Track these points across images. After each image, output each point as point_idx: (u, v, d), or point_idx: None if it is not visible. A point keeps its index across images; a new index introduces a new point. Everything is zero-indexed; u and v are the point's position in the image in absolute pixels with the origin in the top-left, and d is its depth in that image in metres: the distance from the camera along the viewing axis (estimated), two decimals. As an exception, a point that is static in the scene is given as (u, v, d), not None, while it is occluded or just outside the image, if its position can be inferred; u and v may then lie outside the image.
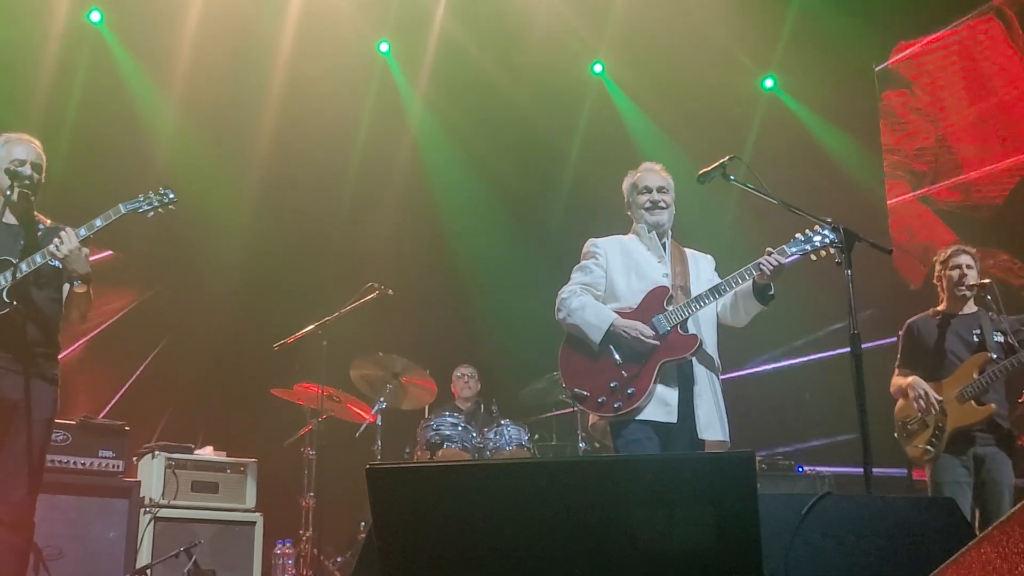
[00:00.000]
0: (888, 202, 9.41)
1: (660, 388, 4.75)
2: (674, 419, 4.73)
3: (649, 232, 5.13)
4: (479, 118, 10.40)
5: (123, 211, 4.95)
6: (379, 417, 7.71)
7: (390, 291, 7.78)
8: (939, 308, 6.23)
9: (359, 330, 8.11)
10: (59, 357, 5.09)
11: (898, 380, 6.17)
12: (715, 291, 4.84)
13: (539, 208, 10.82)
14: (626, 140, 10.43)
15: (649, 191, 5.16)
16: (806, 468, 7.51)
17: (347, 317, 7.72)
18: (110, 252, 8.97)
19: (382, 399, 7.74)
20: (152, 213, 5.03)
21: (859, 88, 9.59)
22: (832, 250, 4.62)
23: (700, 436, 4.75)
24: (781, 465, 7.48)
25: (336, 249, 9.99)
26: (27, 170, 5.00)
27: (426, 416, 7.85)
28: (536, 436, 7.90)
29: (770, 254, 4.74)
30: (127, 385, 9.22)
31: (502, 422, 7.58)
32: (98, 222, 4.90)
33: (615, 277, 5.08)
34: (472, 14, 9.87)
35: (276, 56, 9.55)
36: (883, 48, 9.53)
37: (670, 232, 5.19)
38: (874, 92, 9.48)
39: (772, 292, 4.90)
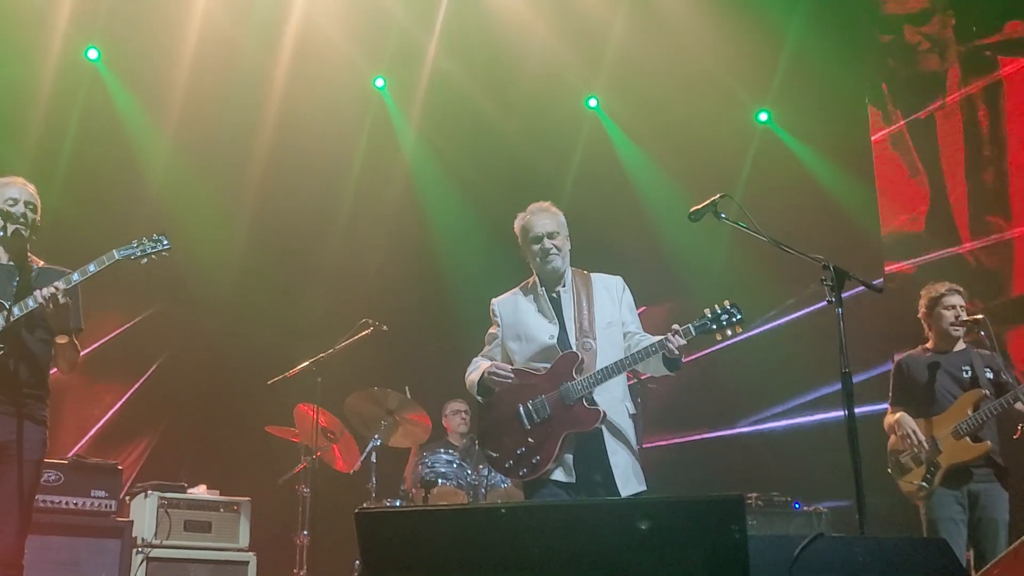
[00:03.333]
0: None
1: (566, 456, 4.78)
2: (573, 479, 4.76)
3: (542, 286, 5.09)
4: (474, 154, 10.45)
5: (117, 257, 4.96)
6: (373, 454, 7.67)
7: (384, 327, 7.76)
8: (928, 346, 6.25)
9: (353, 365, 8.08)
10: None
11: (889, 418, 6.18)
12: (620, 365, 4.80)
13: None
14: (621, 174, 10.48)
15: (539, 240, 5.05)
16: (802, 505, 7.48)
17: (341, 352, 7.70)
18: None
19: (376, 436, 7.68)
20: (146, 260, 5.05)
21: (852, 122, 9.60)
22: (740, 329, 4.70)
23: (621, 493, 4.71)
24: (777, 502, 7.44)
25: (330, 283, 9.97)
26: (20, 209, 5.00)
27: (420, 453, 7.80)
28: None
29: (675, 333, 4.70)
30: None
31: (497, 459, 7.54)
32: (91, 267, 4.90)
33: (508, 343, 5.12)
34: (466, 51, 9.94)
35: (271, 93, 9.60)
36: (875, 83, 9.54)
37: (569, 271, 5.11)
38: (866, 127, 9.47)
39: (680, 364, 4.87)
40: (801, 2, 9.50)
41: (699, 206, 4.88)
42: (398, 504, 7.50)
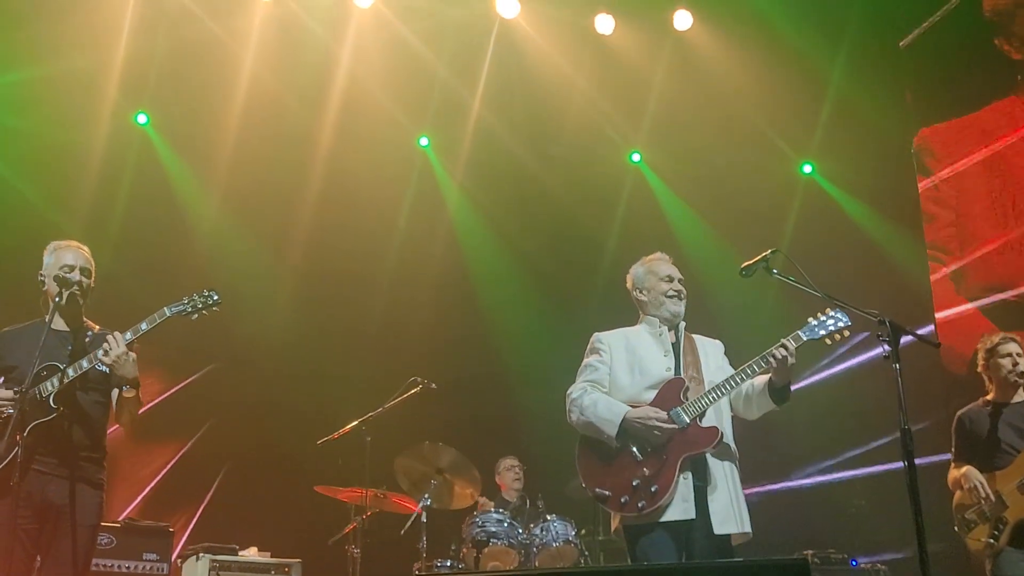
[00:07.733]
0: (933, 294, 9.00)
1: (682, 484, 4.63)
2: (692, 515, 4.62)
3: (660, 325, 5.06)
4: (518, 211, 10.52)
5: (168, 314, 4.95)
6: (424, 513, 7.58)
7: (433, 385, 7.72)
8: (988, 398, 6.10)
9: (402, 424, 8.04)
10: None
11: (953, 472, 6.02)
12: (731, 381, 4.77)
13: (578, 297, 10.79)
14: (665, 228, 10.48)
15: (671, 280, 5.11)
16: (860, 561, 7.34)
17: (390, 411, 7.66)
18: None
19: (426, 495, 7.61)
20: (196, 315, 5.02)
21: (898, 172, 9.48)
22: (847, 332, 4.68)
23: (716, 532, 4.62)
24: (834, 559, 7.31)
25: (377, 341, 10.00)
26: (76, 276, 5.03)
27: (472, 512, 7.72)
28: (583, 531, 7.76)
29: (781, 346, 4.70)
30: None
31: (548, 517, 7.46)
32: (143, 326, 4.91)
33: (619, 374, 4.99)
34: (508, 108, 10.02)
35: (316, 153, 9.75)
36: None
37: (683, 323, 5.12)
38: (913, 176, 9.38)
39: (788, 393, 4.83)
40: (841, 52, 9.48)
41: (750, 262, 4.85)
42: (448, 565, 7.43)
